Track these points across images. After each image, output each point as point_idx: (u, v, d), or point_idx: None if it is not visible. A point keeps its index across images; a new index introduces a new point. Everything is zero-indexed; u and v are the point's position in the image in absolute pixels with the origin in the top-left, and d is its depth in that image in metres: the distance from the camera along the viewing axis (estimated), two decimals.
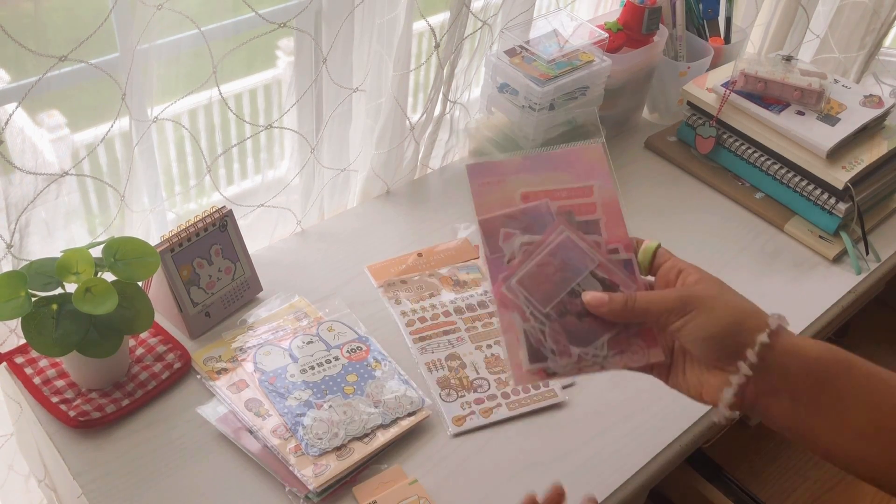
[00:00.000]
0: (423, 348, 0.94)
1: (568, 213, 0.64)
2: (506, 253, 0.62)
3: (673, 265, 0.62)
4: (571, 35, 1.17)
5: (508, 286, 0.61)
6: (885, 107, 1.17)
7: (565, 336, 0.61)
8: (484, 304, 1.01)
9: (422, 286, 1.02)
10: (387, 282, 1.02)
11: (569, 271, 0.62)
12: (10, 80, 0.76)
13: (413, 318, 0.98)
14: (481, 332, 0.97)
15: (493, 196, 0.63)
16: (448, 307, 0.99)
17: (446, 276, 1.03)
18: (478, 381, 0.91)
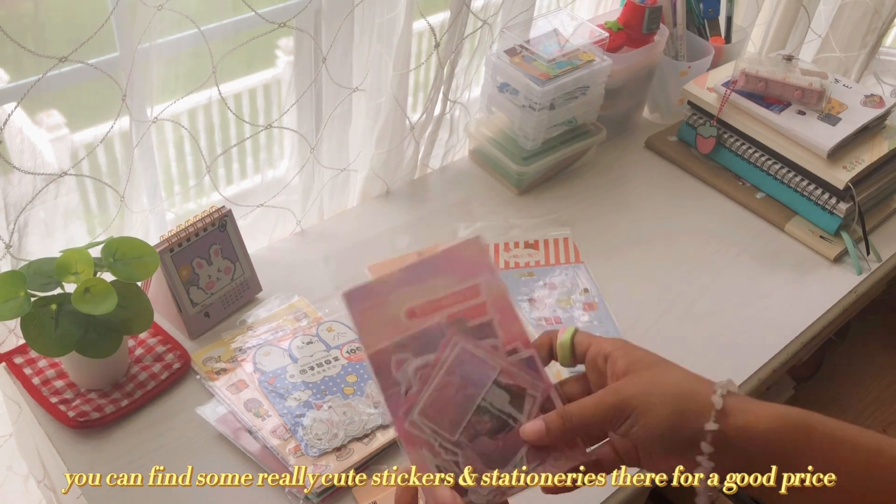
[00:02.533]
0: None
1: (459, 321, 0.58)
2: (401, 384, 0.57)
3: (598, 350, 0.57)
4: (572, 34, 1.17)
5: (411, 421, 0.56)
6: (886, 106, 1.17)
7: (481, 461, 0.57)
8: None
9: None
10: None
11: (471, 387, 0.58)
12: (10, 80, 0.76)
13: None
14: None
15: (377, 322, 0.57)
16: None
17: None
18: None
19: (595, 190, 1.22)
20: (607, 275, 1.07)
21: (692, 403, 0.52)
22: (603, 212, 1.18)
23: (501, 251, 1.09)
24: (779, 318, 1.04)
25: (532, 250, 1.10)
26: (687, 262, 1.11)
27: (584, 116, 1.19)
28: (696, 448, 0.52)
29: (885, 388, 1.44)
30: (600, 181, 1.24)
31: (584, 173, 1.25)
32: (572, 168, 1.25)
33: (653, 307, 1.04)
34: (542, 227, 1.14)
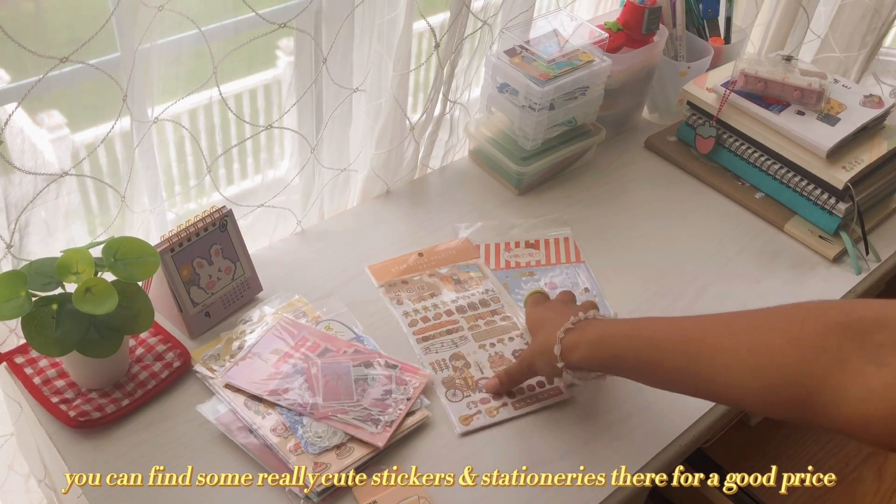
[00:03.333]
0: (426, 348, 0.94)
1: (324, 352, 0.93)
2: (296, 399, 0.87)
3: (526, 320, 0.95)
4: (571, 35, 1.17)
5: (323, 407, 0.86)
6: (885, 107, 1.17)
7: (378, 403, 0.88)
8: (486, 302, 1.01)
9: (423, 286, 1.02)
10: (388, 282, 1.02)
11: (343, 375, 0.89)
12: (10, 81, 0.76)
13: (416, 317, 0.98)
14: (484, 331, 0.97)
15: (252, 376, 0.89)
16: (450, 306, 1.00)
17: (447, 276, 1.03)
18: (482, 380, 0.92)
19: (595, 190, 1.22)
20: (607, 274, 1.08)
21: (551, 354, 0.82)
22: (602, 212, 1.19)
23: (502, 251, 1.10)
24: None
25: (533, 250, 1.10)
26: (686, 262, 1.12)
27: (583, 117, 1.19)
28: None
29: None
30: (600, 181, 1.24)
31: (583, 173, 1.25)
32: (572, 168, 1.25)
33: (652, 306, 1.04)
34: (542, 226, 1.14)
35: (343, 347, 0.92)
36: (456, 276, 1.03)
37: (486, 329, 0.97)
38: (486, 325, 0.98)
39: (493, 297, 1.01)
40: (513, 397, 0.90)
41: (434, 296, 1.01)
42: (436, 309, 0.99)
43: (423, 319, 0.98)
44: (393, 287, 1.01)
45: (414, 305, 0.99)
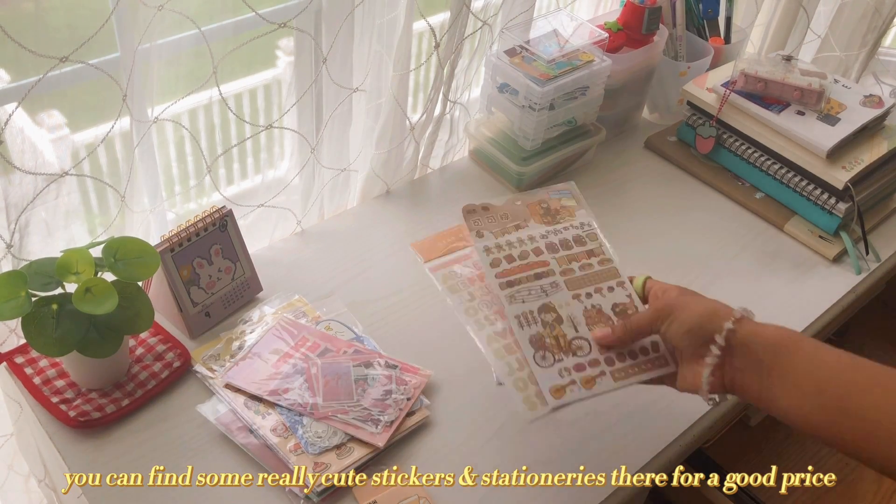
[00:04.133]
0: (511, 296, 0.78)
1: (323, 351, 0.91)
2: (297, 399, 0.85)
3: (659, 288, 0.77)
4: (571, 35, 1.17)
5: (323, 407, 0.84)
6: (885, 107, 1.17)
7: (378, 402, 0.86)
8: (581, 239, 0.84)
9: (507, 214, 0.84)
10: (468, 208, 0.85)
11: (343, 375, 0.87)
12: (10, 80, 0.76)
13: (498, 255, 0.80)
14: (579, 277, 0.80)
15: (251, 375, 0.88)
16: (539, 243, 0.82)
17: (534, 203, 0.86)
18: (577, 341, 0.77)
19: (594, 190, 1.22)
20: None
21: (719, 312, 0.70)
22: (602, 212, 1.18)
23: None
24: (778, 318, 1.03)
25: None
26: (686, 262, 1.12)
27: (583, 117, 1.19)
28: (712, 343, 0.69)
29: None
30: (600, 181, 1.24)
31: (583, 173, 1.25)
32: (572, 168, 1.25)
33: None
34: None
35: (343, 347, 0.92)
36: (545, 203, 0.86)
37: (582, 275, 0.81)
38: (582, 269, 0.81)
39: (589, 234, 0.84)
40: (611, 364, 0.76)
41: (520, 228, 0.83)
42: (522, 246, 0.82)
43: (508, 258, 0.80)
44: (472, 215, 0.84)
45: (497, 240, 0.82)
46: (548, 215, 0.85)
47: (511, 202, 0.84)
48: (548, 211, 0.85)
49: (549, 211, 0.85)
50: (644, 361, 0.76)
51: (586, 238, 0.84)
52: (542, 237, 0.83)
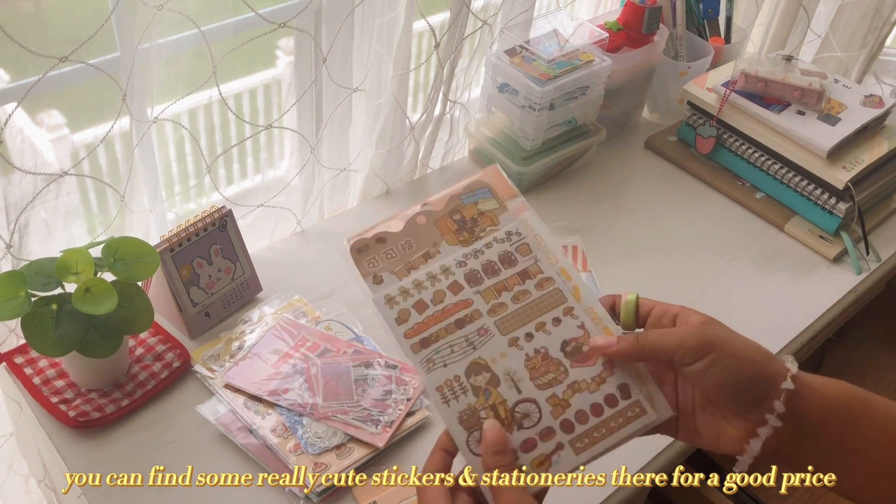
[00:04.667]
0: (428, 360, 0.58)
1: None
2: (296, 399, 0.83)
3: (664, 310, 0.58)
4: (571, 35, 1.17)
5: (323, 407, 0.82)
6: (886, 107, 1.17)
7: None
8: (510, 257, 0.62)
9: (410, 241, 0.62)
10: (358, 245, 0.61)
11: (343, 375, 0.84)
12: (10, 80, 0.76)
13: (405, 305, 0.59)
14: (514, 314, 0.60)
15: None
16: (456, 274, 0.61)
17: (444, 217, 0.63)
18: (522, 405, 0.57)
19: (595, 190, 1.22)
20: (607, 274, 1.08)
21: (769, 363, 0.53)
22: (602, 212, 1.18)
23: None
24: (778, 318, 1.05)
25: None
26: (686, 262, 1.12)
27: (583, 116, 1.19)
28: (764, 406, 0.52)
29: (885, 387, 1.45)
30: (600, 181, 1.24)
31: (583, 173, 1.25)
32: (572, 168, 1.25)
33: None
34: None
35: (343, 348, 0.92)
36: (458, 213, 0.63)
37: (517, 309, 0.60)
38: (516, 300, 0.60)
39: (519, 247, 0.62)
40: (569, 431, 0.56)
41: (429, 257, 0.61)
42: (435, 284, 0.60)
43: (418, 306, 0.59)
44: (365, 254, 0.61)
45: (401, 282, 0.60)
46: (463, 231, 0.63)
47: (412, 222, 0.62)
48: (462, 224, 0.63)
49: (465, 224, 0.63)
50: (614, 415, 0.56)
51: (516, 254, 0.62)
52: (460, 265, 0.61)
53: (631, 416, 0.56)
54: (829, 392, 0.54)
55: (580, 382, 0.57)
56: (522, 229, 0.63)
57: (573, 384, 0.57)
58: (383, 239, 0.61)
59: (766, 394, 0.52)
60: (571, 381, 0.57)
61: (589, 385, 0.57)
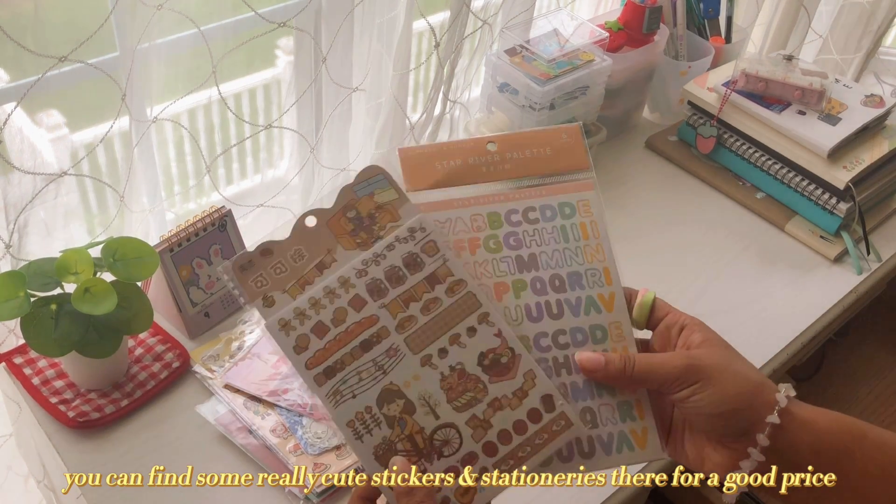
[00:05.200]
0: (334, 393, 0.52)
1: None
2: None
3: (675, 320, 0.56)
4: (572, 34, 1.16)
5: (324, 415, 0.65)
6: (886, 106, 1.17)
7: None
8: (415, 259, 0.55)
9: (300, 251, 0.54)
10: (241, 263, 0.53)
11: None
12: (10, 80, 0.76)
13: (303, 329, 0.52)
14: (425, 327, 0.54)
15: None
16: (357, 287, 0.54)
17: (337, 218, 0.55)
18: (441, 431, 0.53)
19: None
20: None
21: (760, 395, 0.52)
22: None
23: None
24: (779, 318, 1.04)
25: None
26: (687, 262, 1.11)
27: (584, 116, 1.19)
28: (748, 438, 0.51)
29: (886, 387, 1.44)
30: (600, 181, 1.23)
31: None
32: None
33: None
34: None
35: None
36: (352, 209, 0.55)
37: (428, 321, 0.54)
38: (426, 310, 0.54)
39: (424, 245, 0.55)
40: (493, 453, 0.53)
41: (324, 268, 0.54)
42: (334, 301, 0.53)
43: (318, 330, 0.53)
44: (250, 271, 0.53)
45: (295, 303, 0.53)
46: (360, 231, 0.55)
47: (301, 227, 0.54)
48: (359, 223, 0.55)
49: (361, 222, 0.55)
50: (539, 431, 0.53)
51: (422, 255, 0.55)
52: (360, 274, 0.54)
53: (556, 431, 0.53)
54: (822, 425, 0.52)
55: (500, 399, 0.53)
56: (426, 223, 0.55)
57: (493, 402, 0.52)
58: (269, 251, 0.53)
59: (750, 426, 0.51)
60: (491, 398, 0.52)
61: (510, 401, 0.53)
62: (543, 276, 0.57)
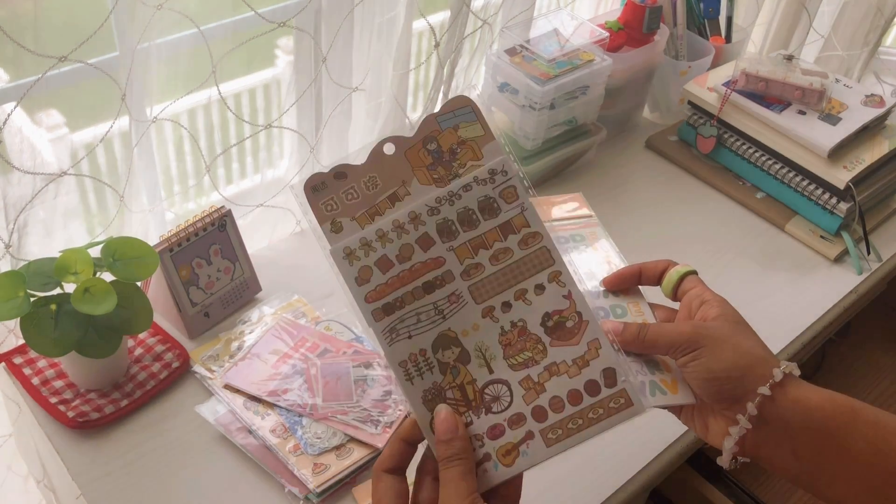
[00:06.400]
0: (391, 330, 0.51)
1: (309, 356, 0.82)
2: (296, 400, 0.66)
3: (698, 294, 0.60)
4: (572, 34, 1.16)
5: (322, 408, 0.71)
6: (887, 106, 1.16)
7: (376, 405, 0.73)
8: (491, 204, 0.53)
9: (375, 178, 0.52)
10: (314, 183, 0.53)
11: (343, 375, 0.82)
12: (9, 80, 0.76)
13: (366, 261, 0.51)
14: (492, 277, 0.52)
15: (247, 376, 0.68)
16: (427, 225, 0.52)
17: (416, 147, 0.53)
18: (493, 387, 0.51)
19: (595, 190, 1.22)
20: None
21: (757, 368, 0.54)
22: (603, 211, 1.17)
23: None
24: (779, 318, 1.04)
25: None
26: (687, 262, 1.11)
27: (584, 116, 1.19)
28: (740, 406, 0.54)
29: (886, 388, 1.44)
30: (600, 181, 1.24)
31: (584, 173, 1.25)
32: (573, 168, 1.25)
33: None
34: None
35: (342, 348, 0.91)
36: (433, 140, 0.53)
37: (496, 271, 0.52)
38: (495, 260, 0.52)
39: (504, 190, 0.54)
40: (542, 419, 0.51)
41: (397, 199, 0.52)
42: (402, 237, 0.51)
43: (382, 264, 0.51)
44: (322, 193, 0.52)
45: (362, 232, 0.51)
46: (439, 165, 0.52)
47: (378, 153, 0.53)
48: (439, 156, 0.52)
49: (442, 155, 0.52)
50: (594, 405, 0.51)
51: (499, 200, 0.53)
52: (432, 212, 0.52)
53: (614, 408, 0.51)
54: (815, 402, 0.53)
55: (559, 365, 0.51)
56: (509, 167, 0.53)
57: (551, 366, 0.51)
58: (343, 174, 0.52)
59: (742, 395, 0.54)
60: (549, 362, 0.51)
61: (569, 368, 0.51)
62: None
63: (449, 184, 0.52)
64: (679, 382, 0.56)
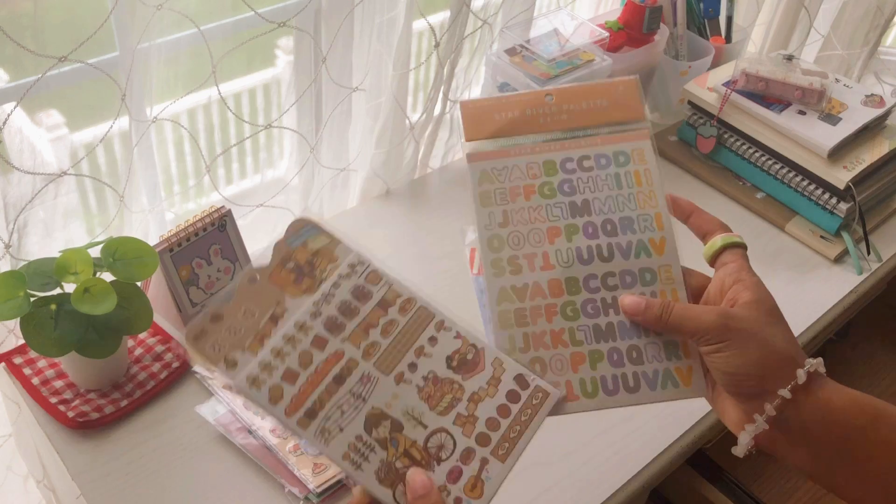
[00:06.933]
0: (321, 432, 0.51)
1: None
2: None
3: (735, 271, 0.58)
4: (572, 34, 1.16)
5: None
6: (887, 106, 1.16)
7: None
8: (363, 291, 0.56)
9: (250, 309, 0.53)
10: (194, 332, 0.52)
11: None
12: (9, 80, 0.76)
13: (274, 380, 0.51)
14: (390, 349, 0.55)
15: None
16: (315, 328, 0.54)
17: (276, 271, 0.55)
18: (434, 437, 0.54)
19: None
20: None
21: (782, 368, 0.53)
22: None
23: None
24: None
25: None
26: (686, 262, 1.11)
27: None
28: (758, 404, 0.53)
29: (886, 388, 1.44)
30: None
31: None
32: None
33: None
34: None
35: None
36: (290, 261, 0.55)
37: (391, 343, 0.55)
38: (385, 333, 0.56)
39: (368, 276, 0.57)
40: (486, 443, 0.54)
41: (277, 319, 0.53)
42: (295, 346, 0.53)
43: (288, 377, 0.52)
44: (204, 339, 0.51)
45: (258, 358, 0.52)
46: (303, 277, 0.55)
47: (244, 287, 0.54)
48: (300, 270, 0.56)
49: (302, 269, 0.56)
50: (521, 409, 0.56)
51: (367, 285, 0.57)
52: (315, 315, 0.55)
53: (537, 404, 0.56)
54: (837, 404, 0.53)
55: (478, 392, 0.55)
56: (363, 257, 0.57)
57: (472, 396, 0.55)
58: (219, 315, 0.53)
59: (761, 393, 0.53)
60: (469, 393, 0.55)
61: (487, 390, 0.56)
62: (596, 221, 0.60)
63: (319, 288, 0.55)
64: (695, 372, 0.57)
